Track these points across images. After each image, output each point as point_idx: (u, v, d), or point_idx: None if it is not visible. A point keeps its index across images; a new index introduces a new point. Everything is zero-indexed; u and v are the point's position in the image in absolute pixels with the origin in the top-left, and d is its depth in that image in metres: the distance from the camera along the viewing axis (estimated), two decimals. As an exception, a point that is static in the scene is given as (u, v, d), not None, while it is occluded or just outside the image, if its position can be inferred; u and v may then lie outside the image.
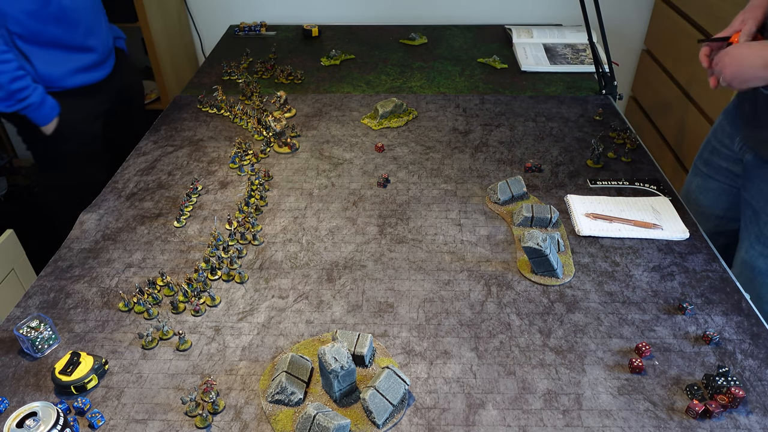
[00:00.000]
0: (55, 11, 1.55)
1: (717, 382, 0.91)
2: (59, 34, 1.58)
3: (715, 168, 1.38)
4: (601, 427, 0.88)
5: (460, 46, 2.23)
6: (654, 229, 1.25)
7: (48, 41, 1.57)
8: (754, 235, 1.24)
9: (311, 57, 2.14)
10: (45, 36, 1.55)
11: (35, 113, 1.56)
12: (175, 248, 1.24)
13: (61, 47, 1.60)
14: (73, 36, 1.61)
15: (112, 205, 1.37)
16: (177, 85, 2.46)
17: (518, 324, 1.05)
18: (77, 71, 1.66)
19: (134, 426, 0.89)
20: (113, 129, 1.85)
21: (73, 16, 1.60)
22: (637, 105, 2.65)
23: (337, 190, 1.41)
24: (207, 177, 1.47)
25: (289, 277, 1.16)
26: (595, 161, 1.49)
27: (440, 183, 1.43)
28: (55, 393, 0.94)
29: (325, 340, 1.03)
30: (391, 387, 0.89)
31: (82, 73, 1.67)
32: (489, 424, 0.89)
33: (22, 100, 1.51)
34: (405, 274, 1.17)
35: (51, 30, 1.56)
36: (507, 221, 1.30)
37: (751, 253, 1.24)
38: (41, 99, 1.56)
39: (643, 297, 1.11)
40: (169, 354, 1.00)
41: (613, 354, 0.99)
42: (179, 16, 2.54)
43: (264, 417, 0.89)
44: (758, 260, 1.23)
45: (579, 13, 1.77)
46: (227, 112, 1.75)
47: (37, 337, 0.98)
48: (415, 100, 1.82)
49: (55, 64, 1.60)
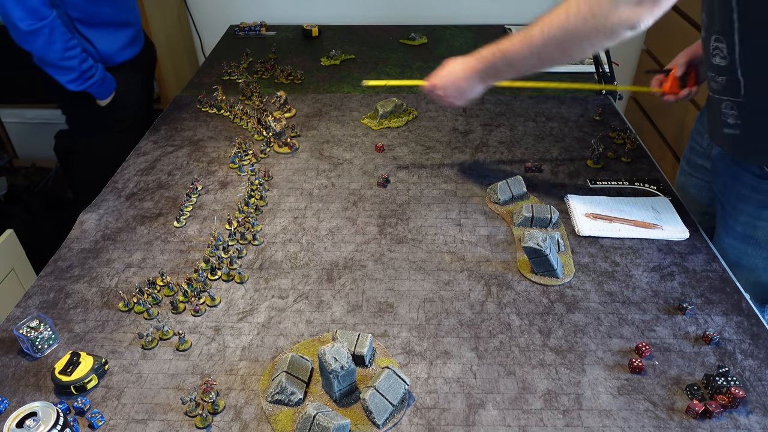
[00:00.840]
0: None
1: (717, 382, 0.91)
2: (110, 13, 1.71)
3: (693, 165, 1.41)
4: (601, 427, 0.88)
5: (460, 46, 2.23)
6: (654, 229, 1.25)
7: (102, 21, 1.69)
8: (723, 228, 1.27)
9: (311, 57, 2.14)
10: (100, 16, 1.68)
11: (99, 89, 1.70)
12: (175, 248, 1.24)
13: (112, 25, 1.73)
14: (120, 13, 1.74)
15: (112, 205, 1.37)
16: (177, 85, 2.46)
17: (518, 324, 1.05)
18: (126, 46, 1.79)
19: (134, 426, 0.89)
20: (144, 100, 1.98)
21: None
22: (637, 105, 2.65)
23: (337, 190, 1.41)
24: (207, 177, 1.47)
25: (289, 277, 1.16)
26: (595, 161, 1.49)
27: (440, 183, 1.43)
28: (55, 393, 0.94)
29: (325, 340, 1.03)
30: (391, 387, 0.89)
31: (128, 47, 1.81)
32: (489, 424, 0.89)
33: (89, 78, 1.65)
34: (405, 274, 1.17)
35: (104, 10, 1.68)
36: (507, 221, 1.30)
37: (722, 246, 1.26)
38: (103, 76, 1.70)
39: (643, 297, 1.11)
40: (169, 354, 1.00)
41: (613, 354, 0.99)
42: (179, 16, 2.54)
43: (264, 417, 0.89)
44: (728, 252, 1.25)
45: (579, 13, 1.76)
46: (227, 112, 1.75)
47: (37, 337, 0.98)
48: (415, 100, 1.82)
49: (109, 41, 1.74)
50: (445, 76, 1.29)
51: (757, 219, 1.18)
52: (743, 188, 1.19)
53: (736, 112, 1.12)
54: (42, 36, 1.52)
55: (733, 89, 1.10)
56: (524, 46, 1.13)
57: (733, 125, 1.14)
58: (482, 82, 1.25)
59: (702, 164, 1.38)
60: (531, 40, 1.11)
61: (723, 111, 1.15)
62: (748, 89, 1.08)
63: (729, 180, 1.22)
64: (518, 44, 1.14)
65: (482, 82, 1.25)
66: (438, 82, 1.30)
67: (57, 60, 1.57)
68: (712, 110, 1.20)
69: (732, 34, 1.05)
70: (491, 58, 1.19)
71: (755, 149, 1.14)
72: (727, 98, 1.13)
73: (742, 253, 1.23)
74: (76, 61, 1.60)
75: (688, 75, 1.35)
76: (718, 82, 1.14)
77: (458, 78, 1.26)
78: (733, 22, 1.04)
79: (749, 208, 1.19)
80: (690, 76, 1.36)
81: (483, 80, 1.25)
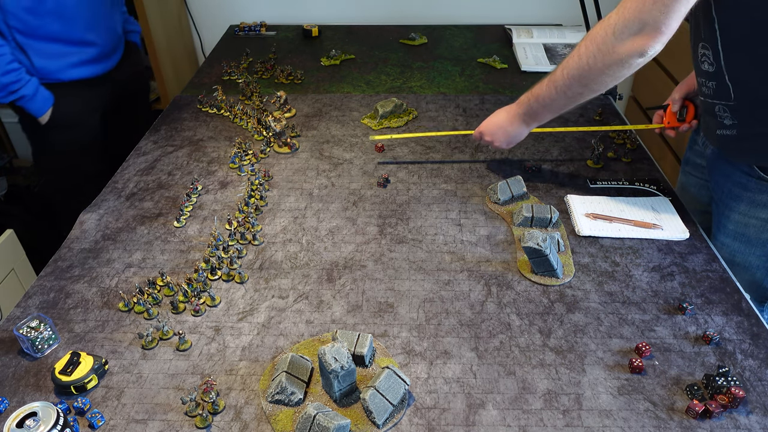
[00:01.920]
0: (53, 7, 1.58)
1: (717, 382, 0.91)
2: (57, 29, 1.61)
3: (693, 165, 1.43)
4: (601, 427, 0.88)
5: (460, 46, 2.23)
6: (654, 229, 1.25)
7: (46, 35, 1.61)
8: (716, 226, 1.28)
9: (311, 57, 2.14)
10: (42, 30, 1.59)
11: (29, 104, 1.62)
12: (175, 248, 1.24)
13: (59, 41, 1.64)
14: (71, 30, 1.64)
15: (112, 205, 1.37)
16: (177, 85, 2.46)
17: (518, 324, 1.05)
18: (76, 65, 1.69)
19: (134, 426, 0.89)
20: (115, 122, 1.88)
21: (71, 12, 1.62)
22: (637, 105, 2.65)
23: (337, 190, 1.41)
24: (207, 177, 1.47)
25: (289, 277, 1.16)
26: (595, 161, 1.49)
27: (440, 183, 1.43)
28: (55, 393, 0.94)
29: (325, 340, 1.03)
30: (391, 387, 0.89)
31: (81, 66, 1.71)
32: (489, 424, 0.89)
33: (14, 92, 1.58)
34: (405, 274, 1.17)
35: (49, 25, 1.59)
36: (507, 221, 1.30)
37: (716, 244, 1.28)
38: (34, 91, 1.61)
39: (643, 297, 1.11)
40: (169, 354, 1.00)
41: (613, 354, 0.99)
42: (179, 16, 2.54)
43: (264, 417, 0.89)
44: (722, 250, 1.26)
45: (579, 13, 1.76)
46: (227, 112, 1.75)
47: (37, 337, 0.98)
48: (415, 100, 1.82)
49: (52, 57, 1.64)
50: (491, 125, 1.38)
51: (748, 217, 1.19)
52: (735, 187, 1.20)
53: (730, 114, 1.13)
54: None
55: (723, 94, 1.12)
56: (551, 88, 1.20)
57: (730, 126, 1.14)
58: (526, 125, 1.33)
59: (701, 163, 1.39)
60: (556, 83, 1.18)
61: (717, 113, 1.16)
62: (738, 93, 1.09)
63: (721, 178, 1.23)
64: (546, 87, 1.22)
65: (526, 125, 1.33)
66: (485, 130, 1.39)
67: None
68: (707, 112, 1.21)
69: (716, 43, 1.07)
70: (527, 103, 1.28)
71: (750, 149, 1.14)
72: (718, 102, 1.14)
73: (735, 251, 1.24)
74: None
75: (687, 109, 1.37)
76: (708, 87, 1.15)
77: (504, 125, 1.35)
78: (715, 32, 1.06)
79: (741, 206, 1.20)
80: (688, 110, 1.37)
81: (527, 124, 1.33)
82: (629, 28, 1.02)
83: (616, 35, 1.04)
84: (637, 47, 1.03)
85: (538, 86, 1.24)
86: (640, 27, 1.01)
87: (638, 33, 1.01)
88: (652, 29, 1.00)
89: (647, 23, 1.00)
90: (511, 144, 1.39)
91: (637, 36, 1.02)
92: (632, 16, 1.01)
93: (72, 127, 1.73)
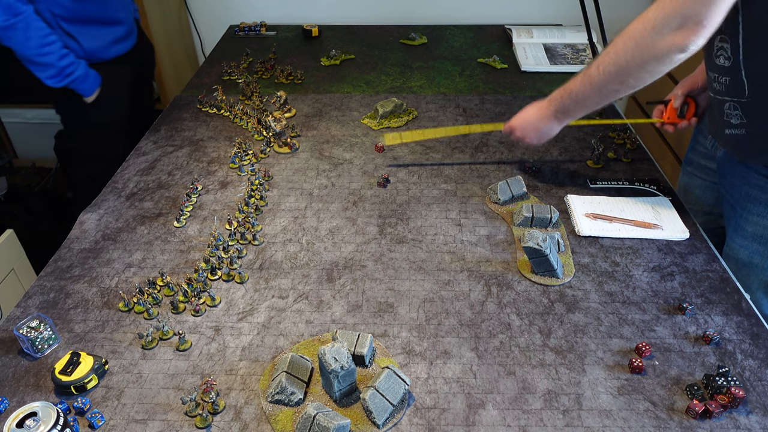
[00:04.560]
0: None
1: (717, 382, 0.91)
2: (96, 11, 1.72)
3: (697, 166, 1.42)
4: (601, 427, 0.88)
5: (460, 46, 2.23)
6: (654, 229, 1.25)
7: (87, 18, 1.70)
8: (733, 229, 1.27)
9: (311, 57, 2.14)
10: (84, 14, 1.69)
11: (81, 85, 1.71)
12: (175, 248, 1.24)
13: (98, 22, 1.74)
14: (107, 11, 1.75)
15: (112, 205, 1.37)
16: (177, 85, 2.46)
17: (518, 324, 1.05)
18: (113, 43, 1.80)
19: (134, 426, 0.89)
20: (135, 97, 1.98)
21: None
22: (637, 105, 2.65)
23: (337, 190, 1.41)
24: (207, 177, 1.47)
25: (289, 277, 1.16)
26: (595, 161, 1.49)
27: (440, 183, 1.43)
28: (55, 393, 0.94)
29: (325, 340, 1.03)
30: (391, 387, 0.89)
31: (116, 44, 1.81)
32: (489, 424, 0.89)
33: (69, 75, 1.66)
34: (405, 274, 1.17)
35: (88, 8, 1.69)
36: (507, 221, 1.30)
37: (732, 246, 1.26)
38: (85, 72, 1.71)
39: (643, 297, 1.11)
40: (169, 354, 1.00)
41: (613, 354, 0.99)
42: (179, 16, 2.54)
43: (264, 417, 0.89)
44: (739, 252, 1.25)
45: (579, 13, 1.76)
46: (227, 112, 1.75)
47: (37, 337, 0.98)
48: (415, 100, 1.82)
49: (95, 38, 1.74)
50: (522, 120, 1.35)
51: (767, 218, 1.18)
52: (752, 189, 1.19)
53: (740, 113, 1.11)
54: (18, 31, 1.54)
55: (736, 90, 1.10)
56: (585, 84, 1.18)
57: (737, 125, 1.13)
58: (558, 122, 1.30)
59: (706, 165, 1.38)
60: (591, 79, 1.16)
61: (726, 111, 1.14)
62: (752, 90, 1.07)
63: (737, 181, 1.22)
64: (580, 83, 1.19)
65: (558, 122, 1.30)
66: (516, 125, 1.36)
67: (34, 56, 1.59)
68: (715, 111, 1.20)
69: (737, 35, 1.04)
70: (560, 99, 1.25)
71: (759, 149, 1.13)
72: (729, 99, 1.12)
73: (753, 252, 1.22)
74: (54, 57, 1.61)
75: (687, 106, 1.37)
76: (720, 83, 1.13)
77: (535, 121, 1.32)
78: (738, 24, 1.03)
79: (759, 208, 1.19)
80: (689, 107, 1.36)
81: (558, 120, 1.30)
82: (669, 23, 0.99)
83: (656, 30, 1.01)
84: (677, 42, 0.99)
85: (572, 82, 1.21)
86: (682, 21, 0.98)
87: (679, 28, 0.98)
88: (694, 23, 0.97)
89: (689, 17, 0.97)
90: (542, 140, 1.36)
91: (678, 31, 0.99)
92: (673, 10, 0.98)
93: (112, 102, 1.83)
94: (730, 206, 1.26)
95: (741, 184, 1.21)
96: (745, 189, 1.20)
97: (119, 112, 1.88)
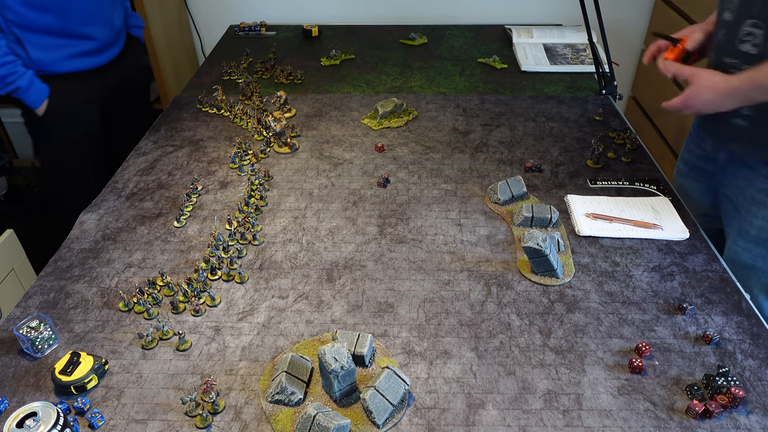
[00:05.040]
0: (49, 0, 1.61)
1: (717, 382, 0.91)
2: (53, 22, 1.65)
3: (695, 168, 1.41)
4: (601, 427, 0.88)
5: (460, 46, 2.23)
6: (654, 229, 1.25)
7: (42, 28, 1.64)
8: (736, 231, 1.26)
9: (311, 57, 2.14)
10: (39, 23, 1.63)
11: (24, 96, 1.65)
12: (175, 248, 1.24)
13: (55, 34, 1.67)
14: (67, 24, 1.67)
15: (112, 205, 1.37)
16: (177, 85, 2.46)
17: (518, 324, 1.05)
18: (72, 57, 1.72)
19: (134, 426, 0.89)
20: (111, 117, 1.91)
21: (68, 5, 1.65)
22: (637, 105, 2.65)
23: (337, 190, 1.41)
24: (207, 177, 1.47)
25: (289, 277, 1.16)
26: (595, 161, 1.49)
27: (440, 183, 1.43)
28: (55, 393, 0.94)
29: (325, 340, 1.03)
30: (391, 387, 0.89)
31: (76, 58, 1.73)
32: (489, 424, 0.89)
33: (10, 84, 1.60)
34: (405, 274, 1.17)
35: (45, 17, 1.63)
36: (507, 221, 1.30)
37: (735, 249, 1.26)
38: (29, 83, 1.63)
39: (643, 297, 1.11)
40: (169, 354, 1.00)
41: (613, 354, 0.99)
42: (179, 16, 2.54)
43: (264, 417, 0.89)
44: (742, 255, 1.25)
45: (579, 13, 1.76)
46: (227, 112, 1.75)
47: (37, 337, 0.98)
48: (415, 100, 1.82)
49: (48, 49, 1.67)
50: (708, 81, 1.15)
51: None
52: (758, 193, 1.18)
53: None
54: None
55: None
56: None
57: (746, 116, 1.11)
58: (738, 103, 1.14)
59: (704, 167, 1.37)
60: None
61: None
62: None
63: (742, 183, 1.21)
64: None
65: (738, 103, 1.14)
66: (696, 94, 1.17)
67: None
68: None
69: None
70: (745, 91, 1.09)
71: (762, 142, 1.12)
72: None
73: (757, 255, 1.22)
74: None
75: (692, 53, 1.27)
76: (741, 70, 1.07)
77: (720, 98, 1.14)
78: None
79: (763, 211, 1.18)
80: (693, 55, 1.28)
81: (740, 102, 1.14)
82: None
83: None
84: None
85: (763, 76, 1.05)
86: None
87: None
88: None
89: None
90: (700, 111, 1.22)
91: None
92: None
93: (69, 119, 1.76)
94: (734, 209, 1.26)
95: (745, 187, 1.20)
96: (750, 192, 1.20)
97: (82, 128, 1.79)
